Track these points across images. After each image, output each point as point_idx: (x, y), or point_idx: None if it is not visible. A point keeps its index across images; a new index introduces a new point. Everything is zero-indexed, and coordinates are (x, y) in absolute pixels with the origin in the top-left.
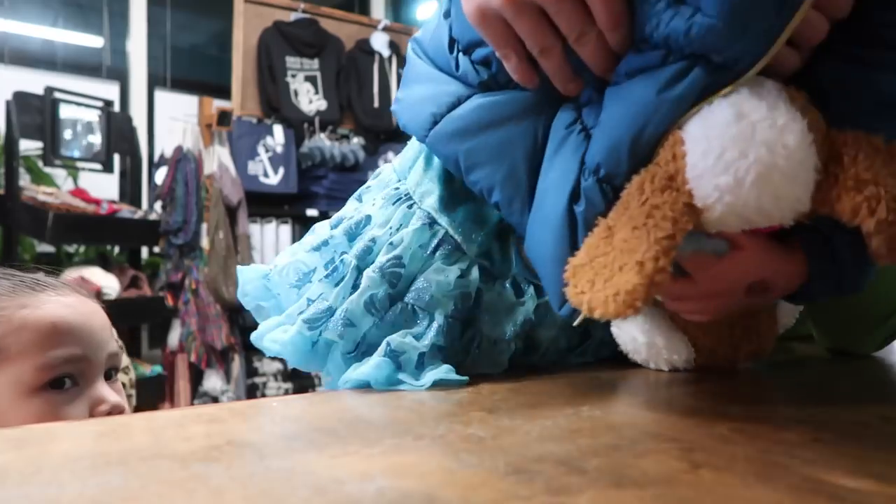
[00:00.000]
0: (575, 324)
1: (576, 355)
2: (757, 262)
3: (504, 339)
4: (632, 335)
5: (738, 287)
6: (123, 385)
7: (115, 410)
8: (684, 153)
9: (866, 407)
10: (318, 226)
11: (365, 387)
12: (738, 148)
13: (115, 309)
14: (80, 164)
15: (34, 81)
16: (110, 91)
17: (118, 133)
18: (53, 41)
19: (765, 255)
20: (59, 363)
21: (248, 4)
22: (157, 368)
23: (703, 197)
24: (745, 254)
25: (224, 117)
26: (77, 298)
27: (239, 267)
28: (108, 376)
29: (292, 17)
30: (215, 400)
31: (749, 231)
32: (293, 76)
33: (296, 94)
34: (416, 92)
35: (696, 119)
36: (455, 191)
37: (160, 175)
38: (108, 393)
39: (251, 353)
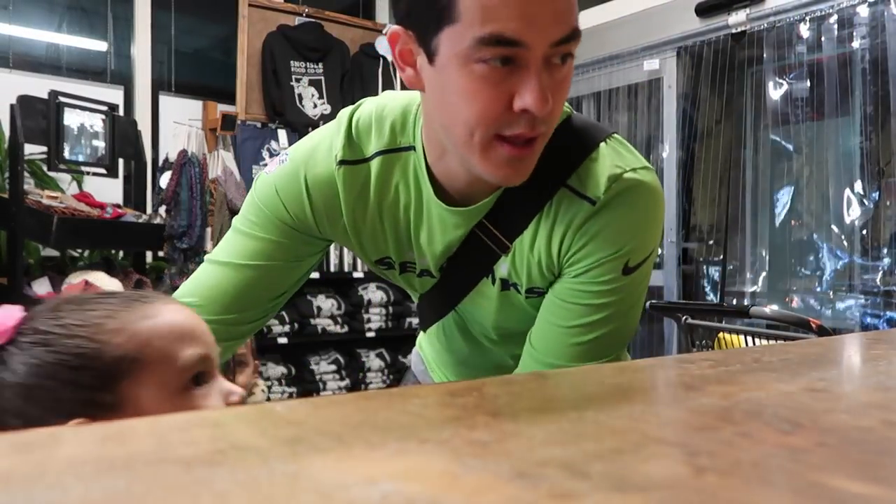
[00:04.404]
0: None
1: None
2: None
3: None
4: None
5: None
6: None
7: (241, 400)
8: None
9: (870, 411)
10: None
11: None
12: None
13: None
14: (84, 169)
15: (39, 86)
16: (115, 95)
17: (122, 137)
18: (58, 45)
19: None
20: (195, 362)
21: (252, 8)
22: None
23: None
24: None
25: (228, 121)
26: (178, 305)
27: None
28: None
29: (297, 21)
30: None
31: None
32: (297, 80)
33: (300, 98)
34: None
35: None
36: None
37: (164, 179)
38: (233, 385)
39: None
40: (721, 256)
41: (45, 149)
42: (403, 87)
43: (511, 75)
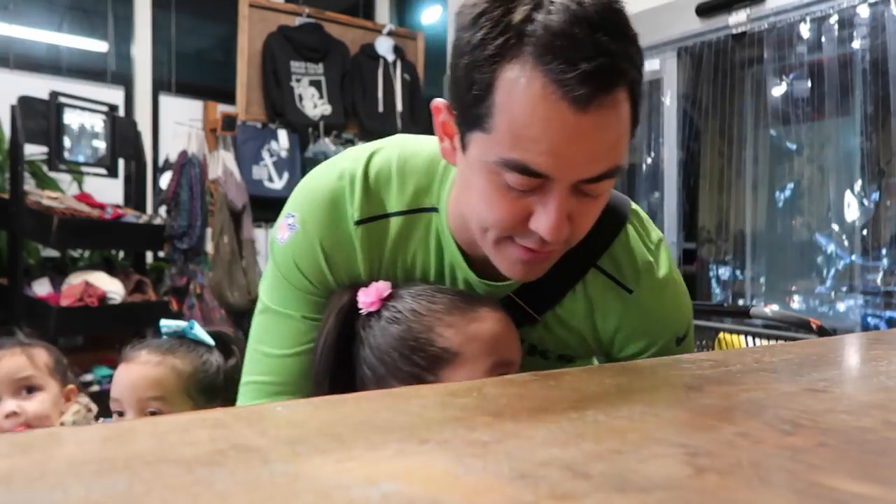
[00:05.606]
0: None
1: None
2: None
3: None
4: None
5: None
6: None
7: None
8: None
9: (870, 412)
10: None
11: None
12: None
13: (119, 314)
14: (84, 169)
15: (39, 86)
16: (115, 96)
17: (123, 138)
18: (58, 46)
19: None
20: (500, 367)
21: (252, 9)
22: None
23: None
24: None
25: (229, 122)
26: (501, 313)
27: None
28: None
29: (297, 21)
30: None
31: None
32: (298, 81)
33: (300, 98)
34: None
35: None
36: None
37: (165, 180)
38: None
39: None
40: (721, 256)
41: (45, 149)
42: (403, 89)
43: (533, 193)
